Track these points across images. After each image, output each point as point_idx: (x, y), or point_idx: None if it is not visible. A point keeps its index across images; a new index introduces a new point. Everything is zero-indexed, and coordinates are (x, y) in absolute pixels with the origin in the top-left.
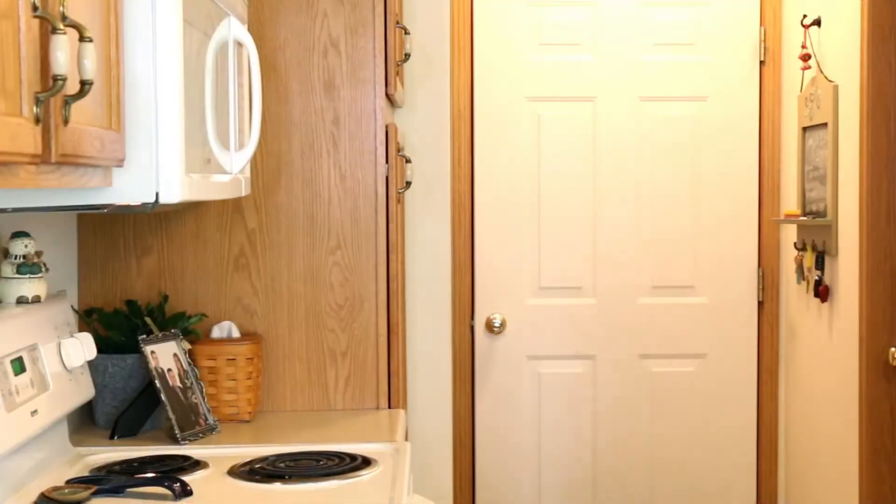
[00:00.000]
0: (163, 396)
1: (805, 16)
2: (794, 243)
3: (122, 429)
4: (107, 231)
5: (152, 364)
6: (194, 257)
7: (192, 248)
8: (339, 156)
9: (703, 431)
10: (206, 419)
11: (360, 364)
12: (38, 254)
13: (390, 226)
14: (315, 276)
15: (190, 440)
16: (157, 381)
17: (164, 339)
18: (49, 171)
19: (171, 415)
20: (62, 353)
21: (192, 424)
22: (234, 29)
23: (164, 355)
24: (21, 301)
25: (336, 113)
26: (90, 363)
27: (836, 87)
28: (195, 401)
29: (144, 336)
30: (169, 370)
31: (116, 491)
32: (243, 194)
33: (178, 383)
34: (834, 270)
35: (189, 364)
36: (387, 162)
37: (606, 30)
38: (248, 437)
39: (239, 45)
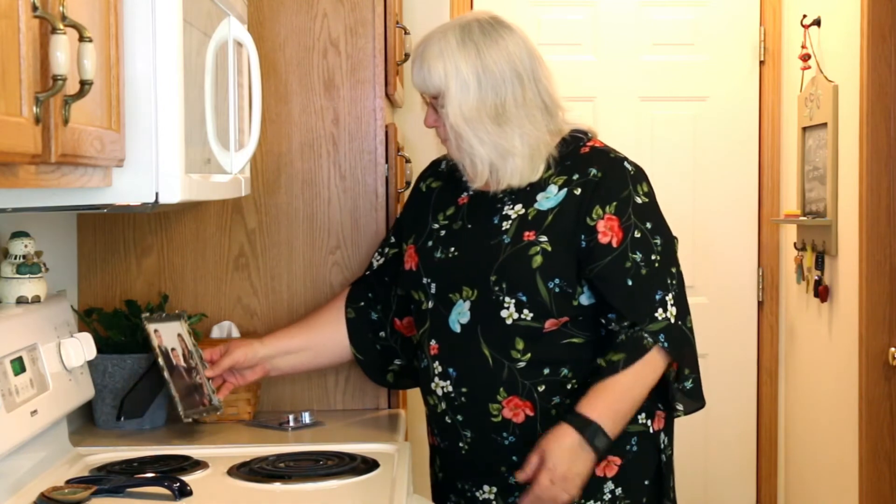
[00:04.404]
0: (166, 374)
1: (805, 16)
2: (794, 243)
3: (129, 409)
4: (107, 231)
5: (155, 342)
6: (194, 257)
7: (192, 248)
8: (339, 156)
9: (702, 431)
10: (211, 399)
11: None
12: (38, 254)
13: (390, 226)
14: (315, 276)
15: (194, 417)
16: (160, 359)
17: (168, 318)
18: (49, 171)
19: (174, 392)
20: (62, 353)
21: (196, 403)
22: (234, 29)
23: (168, 335)
24: (21, 301)
25: (336, 113)
26: (90, 363)
27: (835, 87)
28: (199, 381)
29: (148, 314)
30: (173, 349)
31: (116, 491)
32: (243, 194)
33: (183, 363)
34: (834, 270)
35: (194, 345)
36: (387, 162)
37: (606, 30)
38: (248, 437)
39: (239, 44)
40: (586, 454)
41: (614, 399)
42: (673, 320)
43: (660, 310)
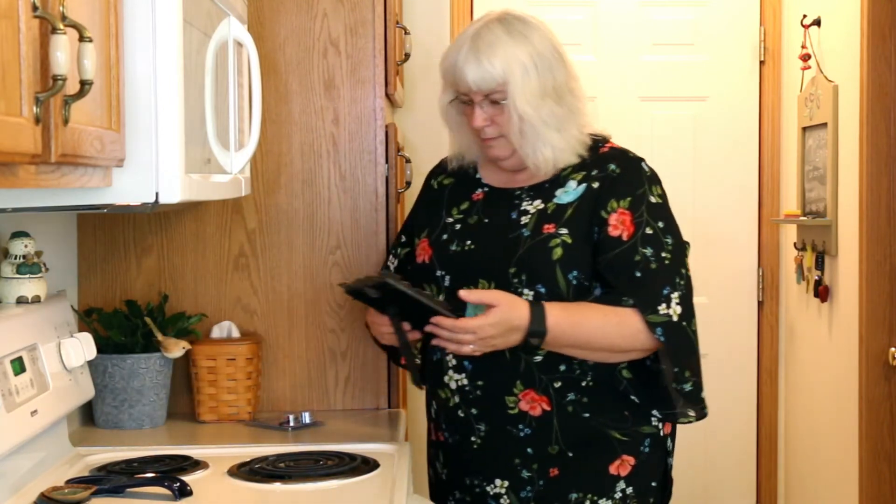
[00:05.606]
0: (423, 297)
1: (805, 16)
2: (794, 243)
3: (414, 369)
4: (107, 231)
5: (402, 284)
6: (194, 257)
7: (192, 248)
8: (339, 156)
9: (703, 431)
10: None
11: (360, 364)
12: (38, 254)
13: (390, 226)
14: (315, 276)
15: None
16: (411, 293)
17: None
18: (49, 171)
19: (431, 304)
20: (62, 353)
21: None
22: (234, 29)
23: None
24: (21, 301)
25: (336, 113)
26: (90, 363)
27: (835, 87)
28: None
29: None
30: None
31: (116, 491)
32: (243, 194)
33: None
34: (834, 270)
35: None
36: (387, 162)
37: (606, 30)
38: (248, 437)
39: (239, 44)
40: (514, 341)
41: (574, 322)
42: (676, 318)
43: (663, 304)
